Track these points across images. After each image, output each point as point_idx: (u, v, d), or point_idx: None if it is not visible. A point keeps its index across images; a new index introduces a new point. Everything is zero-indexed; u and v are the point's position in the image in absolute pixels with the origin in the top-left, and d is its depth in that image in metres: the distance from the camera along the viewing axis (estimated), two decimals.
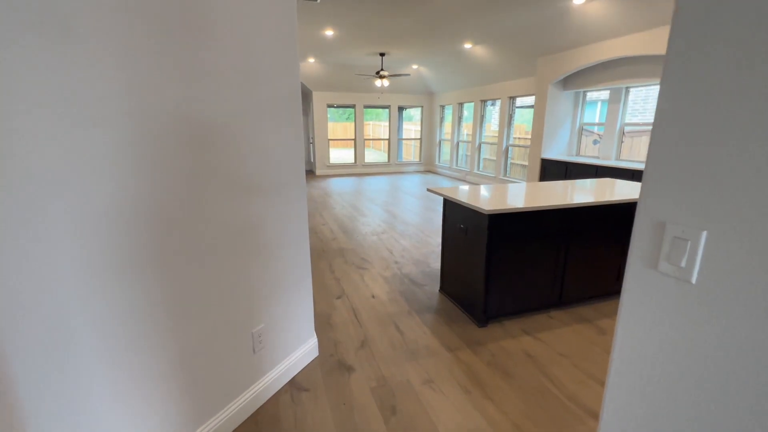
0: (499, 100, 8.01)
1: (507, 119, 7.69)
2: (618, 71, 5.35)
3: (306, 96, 10.63)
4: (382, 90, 10.13)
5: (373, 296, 2.93)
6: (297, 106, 1.81)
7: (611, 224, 2.67)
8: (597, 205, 2.57)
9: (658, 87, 5.17)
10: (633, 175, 4.77)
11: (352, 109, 10.37)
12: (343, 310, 2.70)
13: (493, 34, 6.08)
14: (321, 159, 10.14)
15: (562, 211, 2.47)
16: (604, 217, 2.62)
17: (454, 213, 2.69)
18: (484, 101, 8.52)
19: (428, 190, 2.91)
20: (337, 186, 8.37)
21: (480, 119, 8.67)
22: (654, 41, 4.46)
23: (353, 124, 10.40)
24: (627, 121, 5.58)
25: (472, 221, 2.46)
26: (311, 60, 8.50)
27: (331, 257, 3.81)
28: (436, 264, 3.61)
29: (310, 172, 10.63)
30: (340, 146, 12.22)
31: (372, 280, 3.23)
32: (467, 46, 6.92)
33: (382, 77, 7.91)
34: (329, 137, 10.14)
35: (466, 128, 9.61)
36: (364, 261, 3.70)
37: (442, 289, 3.00)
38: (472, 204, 2.36)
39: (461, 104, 9.52)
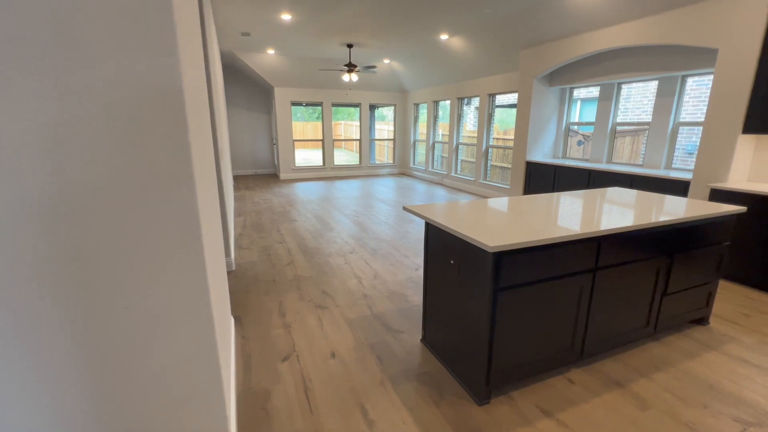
0: (477, 98, 7.43)
1: (486, 118, 7.11)
2: (609, 65, 4.84)
3: (267, 92, 9.70)
4: (350, 86, 9.36)
5: (334, 355, 2.16)
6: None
7: (644, 252, 2.04)
8: (633, 230, 1.93)
9: (653, 82, 4.71)
10: (632, 181, 4.26)
11: (321, 108, 9.53)
12: (290, 383, 1.93)
13: (472, 24, 5.45)
14: (285, 162, 9.23)
15: (587, 240, 1.81)
16: (637, 243, 1.99)
17: (441, 241, 1.98)
18: (461, 99, 7.92)
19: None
20: (303, 192, 7.52)
21: (457, 118, 8.06)
22: (650, 30, 3.94)
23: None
24: (618, 120, 5.09)
25: (468, 257, 1.76)
26: (270, 52, 7.60)
27: (284, 291, 3.01)
28: (416, 297, 2.89)
29: (274, 176, 9.70)
30: (310, 147, 11.34)
31: (333, 327, 2.47)
32: (443, 37, 6.27)
33: (351, 71, 7.13)
34: (294, 138, 9.25)
35: (442, 128, 9.00)
36: (326, 295, 2.93)
37: (424, 338, 2.28)
38: (470, 236, 1.65)
39: (436, 102, 8.89)
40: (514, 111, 6.79)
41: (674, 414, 1.73)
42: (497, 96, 6.97)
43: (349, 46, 6.93)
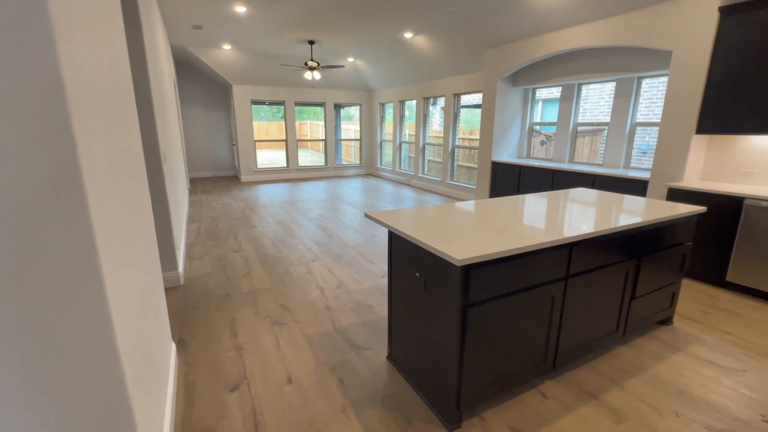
0: (442, 98, 7.39)
1: (452, 118, 7.07)
2: (570, 66, 4.90)
3: (226, 90, 9.21)
4: (312, 84, 9.06)
5: (290, 380, 1.95)
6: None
7: (614, 257, 1.98)
8: (604, 234, 1.86)
9: (610, 84, 4.82)
10: (594, 181, 4.31)
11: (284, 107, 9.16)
12: (238, 418, 1.70)
13: (436, 22, 5.36)
14: (246, 163, 8.79)
15: (559, 248, 1.72)
16: (608, 248, 1.92)
17: (406, 251, 1.82)
18: (426, 99, 7.85)
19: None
20: (265, 195, 7.17)
21: (423, 118, 7.99)
22: (608, 32, 4.00)
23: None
24: (578, 120, 5.18)
25: (435, 270, 1.61)
26: (227, 47, 7.18)
27: (238, 306, 2.75)
28: (382, 307, 2.73)
29: (234, 179, 9.23)
30: (275, 147, 10.88)
31: (291, 347, 2.25)
32: (407, 35, 6.15)
33: (312, 69, 6.87)
34: (256, 138, 8.83)
35: (409, 128, 8.91)
36: (284, 310, 2.70)
37: (390, 356, 2.12)
38: (436, 248, 1.49)
39: (402, 102, 8.79)
40: (479, 111, 6.79)
41: (649, 425, 1.67)
42: (462, 96, 6.95)
43: (311, 42, 6.66)
